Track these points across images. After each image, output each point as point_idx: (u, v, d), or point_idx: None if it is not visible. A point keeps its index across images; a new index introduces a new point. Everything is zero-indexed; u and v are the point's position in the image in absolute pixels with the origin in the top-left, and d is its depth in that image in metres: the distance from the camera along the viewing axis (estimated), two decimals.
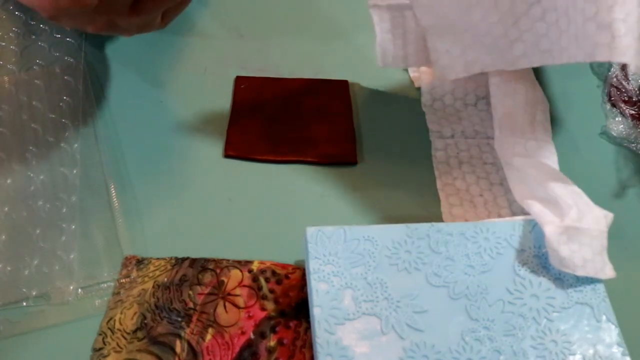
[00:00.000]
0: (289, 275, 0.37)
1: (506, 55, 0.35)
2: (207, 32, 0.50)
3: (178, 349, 0.33)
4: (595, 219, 0.35)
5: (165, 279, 0.36)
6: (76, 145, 0.41)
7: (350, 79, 0.48)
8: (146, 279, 0.36)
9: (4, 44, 0.47)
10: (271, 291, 0.36)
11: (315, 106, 0.46)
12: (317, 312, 0.32)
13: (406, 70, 0.49)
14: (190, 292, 0.36)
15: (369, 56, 0.50)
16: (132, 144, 0.43)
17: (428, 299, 0.34)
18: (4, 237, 0.37)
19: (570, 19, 0.31)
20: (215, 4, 0.52)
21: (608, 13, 0.29)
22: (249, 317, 0.35)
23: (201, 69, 0.48)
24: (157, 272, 0.36)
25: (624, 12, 0.30)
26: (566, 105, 0.47)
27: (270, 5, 0.53)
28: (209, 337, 0.34)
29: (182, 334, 0.34)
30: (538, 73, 0.47)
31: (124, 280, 0.36)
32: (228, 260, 0.37)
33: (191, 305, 0.35)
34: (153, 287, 0.36)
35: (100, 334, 0.34)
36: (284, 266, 0.37)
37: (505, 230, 0.37)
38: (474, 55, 0.36)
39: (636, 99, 0.46)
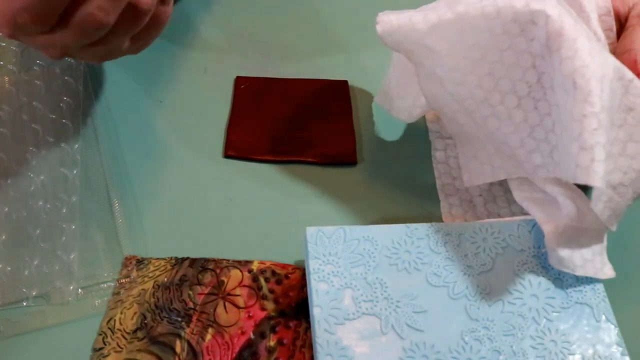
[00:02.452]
0: (289, 275, 0.37)
1: (526, 165, 0.35)
2: (207, 32, 0.50)
3: (178, 349, 0.33)
4: (595, 219, 0.35)
5: (165, 279, 0.36)
6: (76, 145, 0.41)
7: (350, 79, 0.48)
8: (146, 279, 0.36)
9: (4, 44, 0.47)
10: (271, 291, 0.36)
11: (315, 106, 0.46)
12: (317, 312, 0.33)
13: None
14: (190, 292, 0.36)
15: (369, 56, 0.50)
16: (132, 144, 0.43)
17: (428, 299, 0.34)
18: (4, 237, 0.37)
19: (567, 136, 0.32)
20: (215, 4, 0.52)
21: (591, 136, 0.29)
22: (249, 317, 0.35)
23: (201, 69, 0.48)
24: (157, 272, 0.36)
25: (605, 137, 0.30)
26: None
27: (270, 6, 0.53)
28: (209, 337, 0.34)
29: (182, 334, 0.34)
30: None
31: (124, 280, 0.36)
32: (228, 260, 0.37)
33: (191, 305, 0.35)
34: (153, 287, 0.36)
35: (100, 334, 0.34)
36: (284, 266, 0.37)
37: (505, 230, 0.37)
38: (500, 162, 0.37)
39: None
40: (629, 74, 0.32)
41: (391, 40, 0.36)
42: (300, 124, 0.45)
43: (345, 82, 0.48)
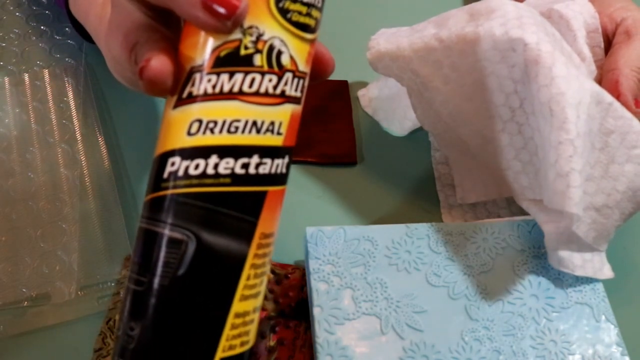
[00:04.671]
0: (289, 275, 0.37)
1: (514, 186, 0.36)
2: None
3: None
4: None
5: None
6: (77, 146, 0.41)
7: (350, 79, 0.48)
8: None
9: (4, 45, 0.47)
10: (271, 291, 0.36)
11: (315, 106, 0.46)
12: (317, 312, 0.33)
13: None
14: None
15: None
16: (133, 144, 0.43)
17: (428, 299, 0.34)
18: (4, 237, 0.37)
19: (545, 161, 0.32)
20: None
21: (567, 163, 0.30)
22: None
23: None
24: None
25: (581, 163, 0.30)
26: None
27: None
28: None
29: None
30: None
31: (124, 280, 0.36)
32: None
33: None
34: None
35: (100, 334, 0.34)
36: (283, 266, 0.37)
37: (505, 230, 0.37)
38: (491, 181, 0.38)
39: None
40: (608, 98, 0.33)
41: (381, 67, 0.37)
42: (300, 124, 0.45)
43: (345, 82, 0.48)
